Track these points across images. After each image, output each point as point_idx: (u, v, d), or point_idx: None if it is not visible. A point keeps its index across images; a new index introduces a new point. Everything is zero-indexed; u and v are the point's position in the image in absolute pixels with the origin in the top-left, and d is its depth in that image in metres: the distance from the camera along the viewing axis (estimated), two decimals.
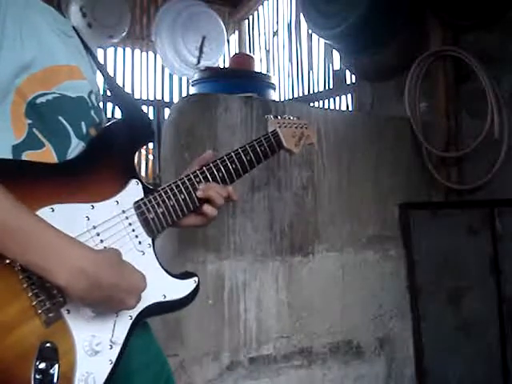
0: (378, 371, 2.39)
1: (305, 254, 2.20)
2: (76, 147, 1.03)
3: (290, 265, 2.16)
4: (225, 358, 1.97)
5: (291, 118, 1.33)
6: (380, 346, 2.40)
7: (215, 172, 1.14)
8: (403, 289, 2.50)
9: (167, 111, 4.36)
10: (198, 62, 4.40)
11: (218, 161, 1.16)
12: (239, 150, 1.19)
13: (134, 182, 1.05)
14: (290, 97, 4.72)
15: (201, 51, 4.42)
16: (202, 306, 1.89)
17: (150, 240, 1.05)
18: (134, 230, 1.03)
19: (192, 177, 1.12)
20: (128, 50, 4.77)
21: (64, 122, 1.02)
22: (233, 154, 1.18)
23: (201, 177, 1.13)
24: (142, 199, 1.05)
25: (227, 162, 1.16)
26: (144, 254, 1.04)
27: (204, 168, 1.14)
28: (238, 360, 2.01)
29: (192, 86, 3.67)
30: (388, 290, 2.44)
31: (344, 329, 2.29)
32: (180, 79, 4.95)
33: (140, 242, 1.03)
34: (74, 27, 1.17)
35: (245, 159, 1.18)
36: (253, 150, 1.20)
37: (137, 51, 4.84)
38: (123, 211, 1.02)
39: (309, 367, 2.19)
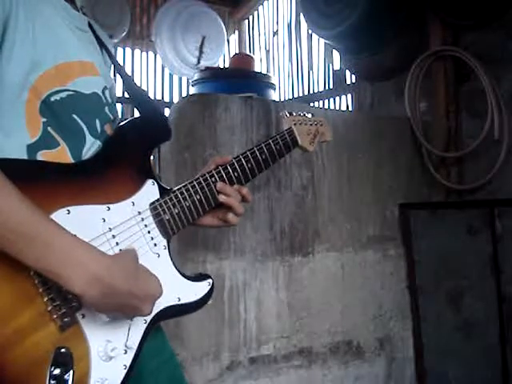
0: (378, 371, 2.39)
1: (305, 254, 2.20)
2: (91, 146, 1.01)
3: (289, 265, 2.16)
4: (225, 358, 1.97)
5: (306, 114, 1.31)
6: (380, 346, 2.40)
7: (231, 172, 1.13)
8: (403, 289, 2.50)
9: (167, 111, 4.36)
10: (198, 62, 4.40)
11: (234, 160, 1.14)
12: (255, 148, 1.17)
13: (149, 182, 1.03)
14: (290, 97, 4.72)
15: (201, 51, 4.42)
16: None
17: (165, 242, 1.03)
18: (149, 232, 1.01)
19: (208, 177, 1.10)
20: (128, 50, 4.76)
21: (78, 120, 1.00)
22: (248, 153, 1.16)
23: (217, 177, 1.11)
24: (157, 200, 1.03)
25: (243, 161, 1.14)
26: (159, 256, 1.02)
27: (220, 168, 1.12)
28: (238, 360, 2.00)
29: (192, 86, 3.66)
30: (388, 289, 2.44)
31: (344, 329, 2.29)
32: (180, 79, 4.94)
33: (155, 244, 1.02)
34: (89, 22, 1.14)
35: (260, 158, 1.17)
36: (268, 149, 1.18)
37: (137, 51, 4.84)
38: (139, 212, 1.00)
39: (309, 367, 2.19)
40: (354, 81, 3.71)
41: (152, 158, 1.07)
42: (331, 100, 4.19)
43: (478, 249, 2.45)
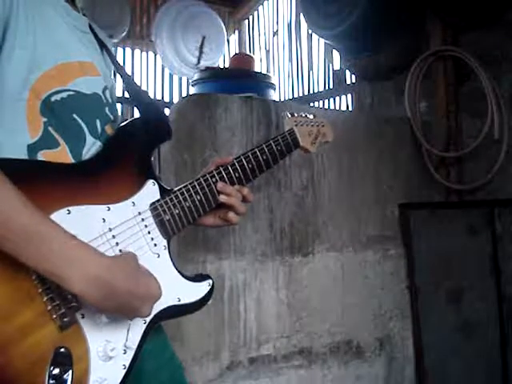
0: (378, 371, 2.39)
1: (305, 254, 2.20)
2: (91, 146, 1.02)
3: (289, 265, 2.16)
4: (225, 358, 1.97)
5: (308, 115, 1.31)
6: (380, 346, 2.40)
7: (232, 172, 1.13)
8: (403, 289, 2.50)
9: (167, 111, 4.35)
10: (198, 62, 4.40)
11: (235, 161, 1.14)
12: (256, 149, 1.17)
13: (150, 182, 1.04)
14: (290, 97, 4.72)
15: (201, 51, 4.42)
16: None
17: (165, 242, 1.03)
18: (149, 233, 1.01)
19: (208, 177, 1.10)
20: (128, 50, 4.77)
21: (79, 120, 1.01)
22: (249, 153, 1.16)
23: (217, 177, 1.11)
24: (158, 200, 1.03)
25: (244, 161, 1.14)
26: (159, 256, 1.02)
27: (220, 168, 1.12)
28: (238, 360, 2.00)
29: (192, 85, 3.67)
30: (388, 289, 2.44)
31: (344, 329, 2.28)
32: (180, 79, 4.95)
33: (155, 245, 1.02)
34: (89, 23, 1.14)
35: (261, 159, 1.17)
36: (269, 150, 1.18)
37: (137, 51, 4.84)
38: (139, 213, 1.01)
39: (309, 367, 2.19)
40: (353, 81, 3.71)
41: (152, 158, 1.07)
42: (331, 100, 4.19)
43: (478, 249, 2.45)
